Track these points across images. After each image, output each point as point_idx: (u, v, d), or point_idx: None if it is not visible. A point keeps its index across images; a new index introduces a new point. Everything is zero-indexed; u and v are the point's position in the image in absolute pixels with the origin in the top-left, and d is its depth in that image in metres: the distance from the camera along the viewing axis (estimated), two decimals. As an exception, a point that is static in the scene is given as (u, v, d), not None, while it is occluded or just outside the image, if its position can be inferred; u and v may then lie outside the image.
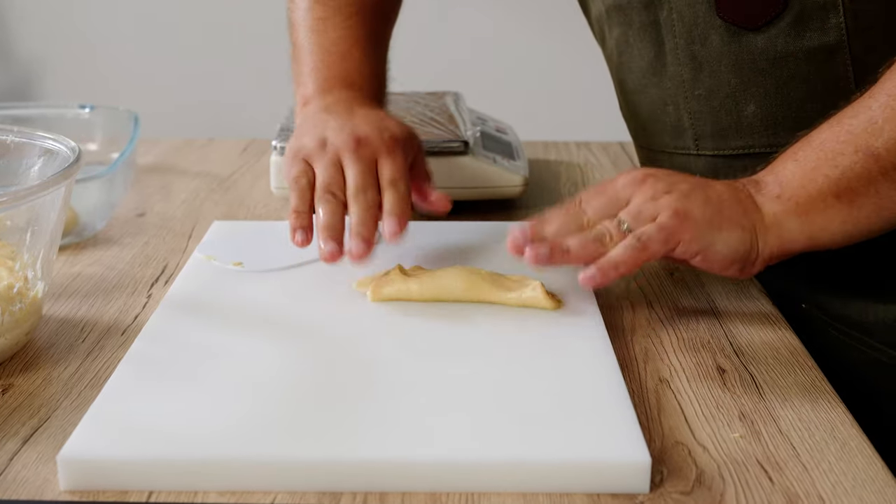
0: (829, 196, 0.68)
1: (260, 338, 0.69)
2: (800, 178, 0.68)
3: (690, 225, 0.68)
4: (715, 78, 0.78)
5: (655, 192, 0.70)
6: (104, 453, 0.56)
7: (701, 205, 0.69)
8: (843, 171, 0.67)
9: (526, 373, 0.64)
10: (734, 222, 0.69)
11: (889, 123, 0.66)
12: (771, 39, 0.74)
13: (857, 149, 0.67)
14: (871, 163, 0.66)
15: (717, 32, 0.76)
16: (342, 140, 0.79)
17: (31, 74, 2.52)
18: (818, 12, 0.71)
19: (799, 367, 0.69)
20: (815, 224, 0.69)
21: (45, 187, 0.66)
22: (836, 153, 0.67)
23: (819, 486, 0.56)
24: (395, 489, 0.55)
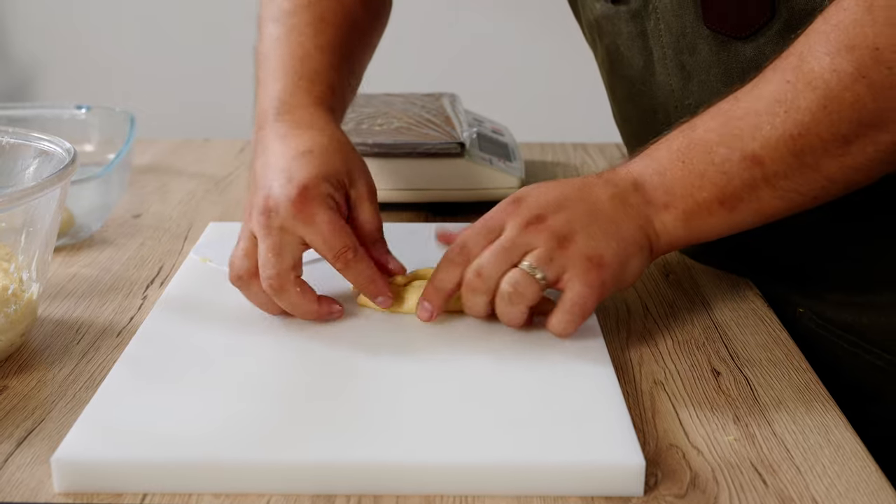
0: (714, 204, 0.67)
1: (254, 340, 0.69)
2: (688, 186, 0.67)
3: (606, 272, 0.67)
4: (704, 87, 0.77)
5: (557, 239, 0.66)
6: (98, 455, 0.56)
7: (606, 243, 0.67)
8: (729, 178, 0.66)
9: (520, 375, 0.64)
10: (635, 247, 0.68)
11: (774, 129, 0.64)
12: (759, 48, 0.73)
13: (744, 155, 0.65)
14: (757, 170, 0.65)
15: (706, 42, 0.75)
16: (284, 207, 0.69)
17: (27, 75, 2.52)
18: (806, 19, 0.70)
19: (794, 370, 0.69)
20: (699, 230, 0.68)
21: (40, 189, 0.66)
22: (724, 158, 0.66)
23: (813, 489, 0.56)
24: (389, 492, 0.55)
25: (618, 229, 0.67)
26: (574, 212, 0.68)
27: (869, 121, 0.63)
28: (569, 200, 0.68)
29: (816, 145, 0.64)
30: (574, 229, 0.67)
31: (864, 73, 0.61)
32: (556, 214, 0.67)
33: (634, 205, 0.68)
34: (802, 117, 0.63)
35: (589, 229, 0.67)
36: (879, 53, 0.61)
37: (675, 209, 0.68)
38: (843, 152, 0.64)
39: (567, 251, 0.66)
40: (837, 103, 0.62)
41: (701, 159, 0.67)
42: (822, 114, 0.63)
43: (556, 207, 0.68)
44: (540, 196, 0.69)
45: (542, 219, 0.67)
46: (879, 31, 0.61)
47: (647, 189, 0.69)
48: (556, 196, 0.69)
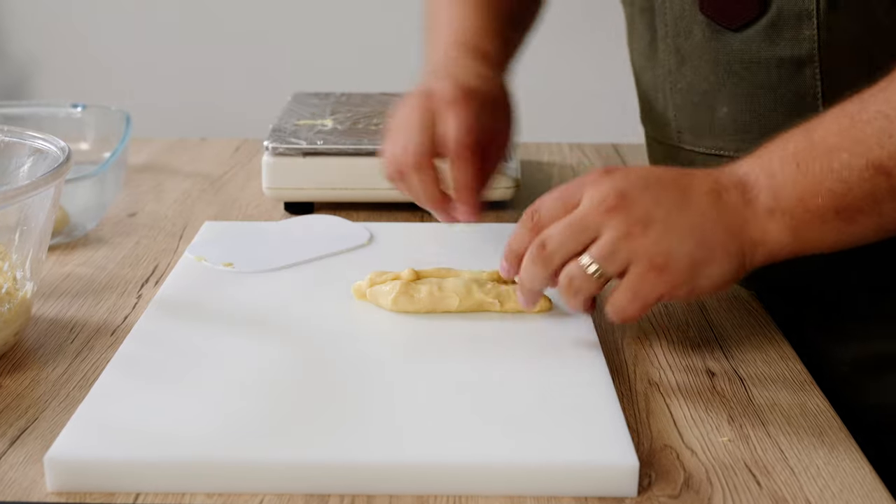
0: (828, 213, 0.61)
1: (249, 339, 0.69)
2: (800, 191, 0.61)
3: (667, 278, 0.61)
4: (695, 74, 0.77)
5: (630, 225, 0.61)
6: (92, 454, 0.55)
7: (681, 241, 0.61)
8: (850, 187, 0.60)
9: (515, 375, 0.64)
10: (720, 252, 0.62)
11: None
12: (746, 42, 0.73)
13: (869, 163, 0.59)
14: (882, 180, 0.59)
15: (700, 27, 0.75)
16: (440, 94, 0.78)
17: (24, 73, 2.51)
18: (793, 21, 0.69)
19: (788, 371, 0.69)
20: (807, 240, 0.62)
21: (34, 187, 0.66)
22: (845, 165, 0.60)
23: (807, 490, 0.56)
24: (382, 492, 0.55)
25: (702, 228, 0.62)
26: (661, 196, 0.62)
27: None
28: (661, 183, 0.63)
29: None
30: (653, 217, 0.61)
31: None
32: (641, 194, 0.62)
33: (732, 204, 0.62)
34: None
35: (669, 220, 0.61)
36: None
37: (782, 215, 0.62)
38: None
39: (635, 243, 0.61)
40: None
41: (819, 164, 0.61)
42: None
43: (644, 186, 0.63)
44: (632, 172, 0.64)
45: (623, 197, 0.62)
46: None
47: (752, 190, 0.62)
48: (649, 175, 0.64)
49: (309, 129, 1.03)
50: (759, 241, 0.62)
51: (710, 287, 0.63)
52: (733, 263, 0.62)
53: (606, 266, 0.62)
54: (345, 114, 1.08)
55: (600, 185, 0.63)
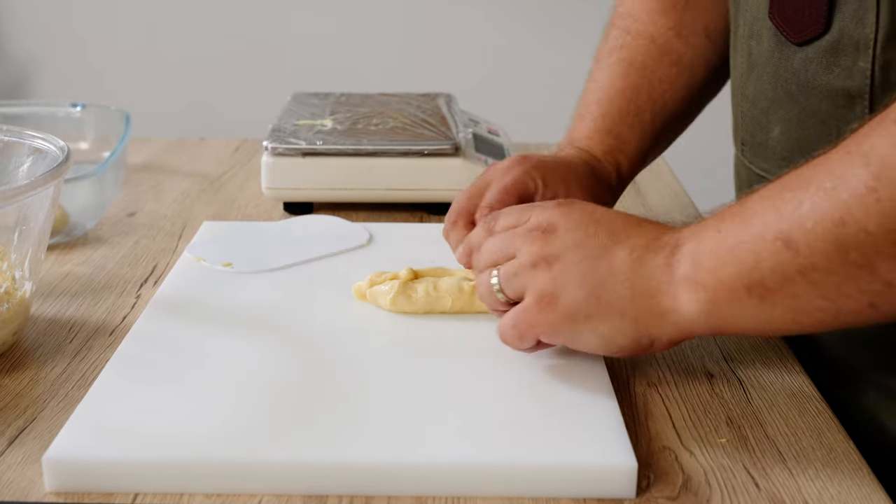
0: (738, 287, 0.55)
1: (248, 339, 0.69)
2: (714, 260, 0.56)
3: (550, 317, 0.60)
4: (759, 84, 0.74)
5: (540, 256, 0.61)
6: (90, 454, 0.55)
7: (576, 287, 0.60)
8: (758, 260, 0.54)
9: (513, 376, 0.64)
10: (612, 310, 0.59)
11: (814, 209, 0.52)
12: (805, 62, 0.69)
13: (778, 234, 0.53)
14: (788, 256, 0.53)
15: (768, 34, 0.72)
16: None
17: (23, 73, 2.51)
18: (850, 49, 0.65)
19: (786, 373, 0.69)
20: (722, 316, 0.57)
21: (33, 187, 0.66)
22: (757, 235, 0.54)
23: (805, 491, 0.56)
24: (381, 492, 0.55)
25: (604, 283, 0.60)
26: (585, 240, 0.61)
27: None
28: (597, 226, 0.62)
29: (864, 241, 0.51)
30: (563, 257, 0.61)
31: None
32: (567, 233, 0.62)
33: (653, 268, 0.59)
34: (848, 200, 0.51)
35: (577, 265, 0.60)
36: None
37: (696, 285, 0.57)
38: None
39: (536, 274, 0.61)
40: (890, 189, 0.50)
41: (733, 231, 0.56)
42: (871, 199, 0.50)
43: (576, 226, 0.62)
44: (580, 208, 0.64)
45: (551, 230, 0.62)
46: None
47: (678, 254, 0.59)
48: (592, 217, 0.63)
49: (308, 129, 1.03)
50: (669, 309, 0.58)
51: (597, 344, 0.60)
52: (627, 328, 0.59)
53: (505, 286, 0.63)
54: (344, 114, 1.08)
55: (547, 211, 0.64)
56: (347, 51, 2.45)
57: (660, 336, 0.60)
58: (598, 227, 0.62)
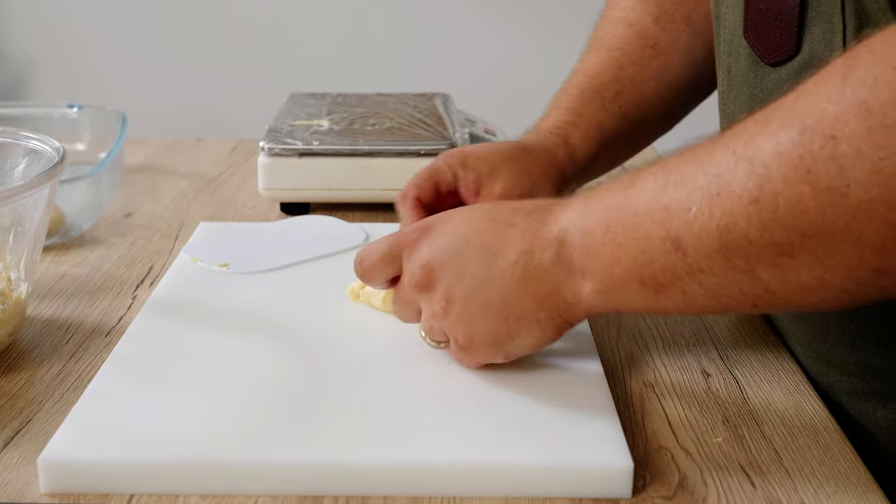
0: (633, 282, 0.56)
1: (244, 340, 0.69)
2: (606, 256, 0.57)
3: (476, 354, 0.63)
4: (737, 101, 0.72)
5: (435, 305, 0.62)
6: (85, 456, 0.55)
7: (482, 321, 0.61)
8: (648, 259, 0.55)
9: (509, 376, 0.64)
10: (526, 322, 0.60)
11: (701, 213, 0.52)
12: (779, 83, 0.67)
13: (668, 235, 0.53)
14: (678, 258, 0.54)
15: (744, 53, 0.70)
16: None
17: (20, 74, 2.51)
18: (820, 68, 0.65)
19: (783, 372, 0.69)
20: (620, 305, 0.58)
21: (28, 188, 0.66)
22: (647, 234, 0.55)
23: (801, 491, 0.56)
24: (376, 493, 0.55)
25: (504, 304, 0.60)
26: (464, 269, 0.61)
27: (812, 233, 0.49)
28: (469, 249, 0.61)
29: (745, 248, 0.51)
30: (454, 296, 0.61)
31: (809, 167, 0.48)
32: (443, 269, 0.62)
33: (544, 267, 0.59)
34: (732, 208, 0.51)
35: (469, 300, 0.61)
36: (834, 145, 0.47)
37: (591, 278, 0.58)
38: (779, 263, 0.50)
39: (443, 322, 0.63)
40: (772, 200, 0.49)
41: (624, 228, 0.56)
42: (753, 209, 0.50)
43: (450, 258, 0.62)
44: (442, 233, 0.63)
45: (429, 273, 0.62)
46: (842, 114, 0.47)
47: (567, 248, 0.59)
48: (458, 238, 0.62)
49: (305, 129, 1.03)
50: (574, 301, 0.59)
51: (527, 350, 0.63)
52: (546, 329, 0.61)
53: (433, 339, 0.65)
54: (341, 114, 1.08)
55: (413, 253, 0.64)
56: (344, 51, 2.45)
57: (577, 318, 0.61)
58: (469, 249, 0.61)
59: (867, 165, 0.46)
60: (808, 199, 0.48)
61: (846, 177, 0.47)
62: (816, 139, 0.48)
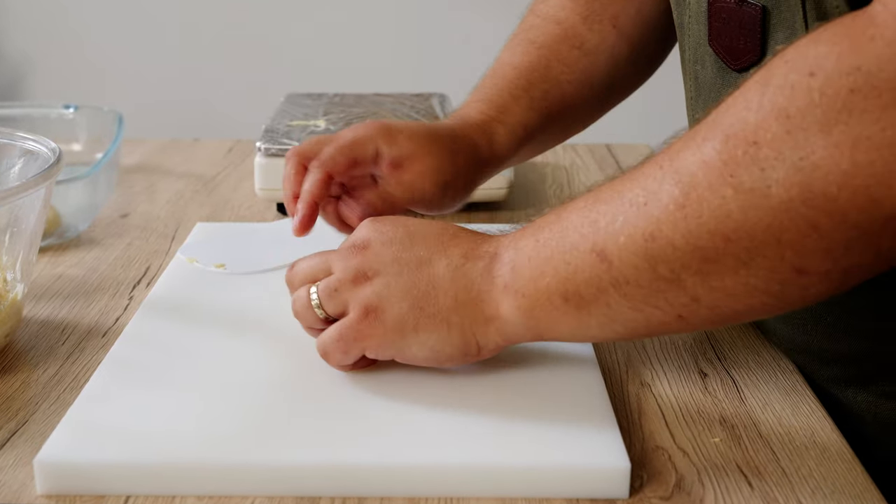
0: (555, 296, 0.57)
1: (240, 341, 0.69)
2: (531, 269, 0.58)
3: (376, 331, 0.60)
4: (706, 108, 0.70)
5: (359, 272, 0.61)
6: (81, 457, 0.55)
7: (399, 299, 0.60)
8: (573, 271, 0.56)
9: (506, 376, 0.64)
10: (437, 320, 0.60)
11: (627, 223, 0.54)
12: None
13: (594, 247, 0.55)
14: (602, 269, 0.54)
15: (711, 60, 0.71)
16: None
17: (16, 74, 2.51)
18: None
19: (780, 372, 0.69)
20: (540, 323, 0.58)
21: (24, 189, 0.66)
22: (573, 246, 0.56)
23: (798, 491, 0.56)
24: (373, 493, 0.55)
25: (426, 294, 0.60)
26: (402, 254, 0.62)
27: (735, 237, 0.50)
28: (411, 240, 0.62)
29: (671, 255, 0.52)
30: (382, 271, 0.61)
31: (732, 172, 0.50)
32: (382, 248, 0.62)
33: (473, 276, 0.60)
34: (658, 216, 0.52)
35: (397, 278, 0.61)
36: (756, 150, 0.49)
37: (513, 293, 0.58)
38: (704, 269, 0.52)
39: (356, 289, 0.61)
40: (697, 206, 0.51)
41: (552, 241, 0.57)
42: (679, 215, 0.52)
43: (391, 241, 0.62)
44: (393, 223, 0.64)
45: (365, 246, 0.63)
46: (762, 121, 0.49)
47: (497, 263, 0.60)
48: (405, 230, 0.63)
49: (301, 129, 1.02)
50: (491, 316, 0.59)
51: (425, 356, 0.61)
52: (454, 337, 0.60)
53: (325, 302, 0.62)
54: (338, 114, 1.08)
55: (360, 230, 0.64)
56: (341, 51, 2.45)
57: (486, 343, 0.61)
58: (414, 241, 0.62)
59: (787, 166, 0.49)
60: (730, 202, 0.50)
61: (767, 178, 0.49)
62: (739, 146, 0.50)
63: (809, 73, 0.48)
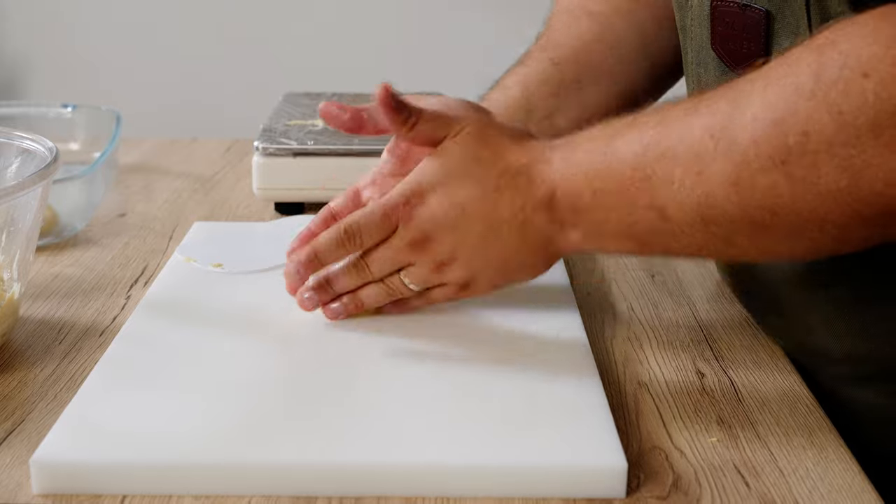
0: (621, 237, 0.63)
1: (237, 340, 0.69)
2: (595, 217, 0.63)
3: (478, 291, 0.69)
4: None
5: (436, 263, 0.67)
6: (78, 457, 0.55)
7: (483, 270, 0.67)
8: (635, 221, 0.61)
9: (503, 376, 0.64)
10: (526, 270, 0.68)
11: (683, 189, 0.58)
12: None
13: (652, 204, 0.59)
14: (663, 225, 0.60)
15: (713, 63, 0.71)
16: None
17: (14, 73, 2.51)
18: None
19: (778, 372, 0.69)
20: (606, 248, 0.66)
21: (21, 188, 0.66)
22: (632, 201, 0.60)
23: (795, 491, 0.56)
24: (370, 493, 0.55)
25: (505, 258, 0.67)
26: (465, 236, 0.66)
27: (785, 214, 0.55)
28: (466, 219, 0.66)
29: (724, 221, 0.57)
30: (455, 256, 0.67)
31: (784, 158, 0.53)
32: (445, 236, 0.66)
33: (538, 228, 0.65)
34: (713, 188, 0.57)
35: (473, 256, 0.67)
36: (807, 140, 0.52)
37: (582, 230, 0.64)
38: (755, 234, 0.57)
39: (443, 273, 0.67)
40: (750, 185, 0.55)
41: (609, 194, 0.62)
42: (733, 190, 0.56)
43: (449, 227, 0.66)
44: (438, 205, 0.66)
45: (428, 240, 0.66)
46: (814, 112, 0.52)
47: (558, 211, 0.64)
48: (455, 209, 0.66)
49: (299, 129, 1.02)
50: (564, 246, 0.66)
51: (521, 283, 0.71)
52: (539, 269, 0.68)
53: (422, 285, 0.69)
54: (336, 114, 1.08)
55: (410, 221, 0.67)
56: (339, 51, 2.45)
57: (566, 255, 0.70)
58: (467, 219, 0.66)
59: (837, 161, 0.52)
60: (781, 186, 0.54)
61: (818, 170, 0.53)
62: (790, 134, 0.53)
63: (864, 73, 0.51)
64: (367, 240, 0.68)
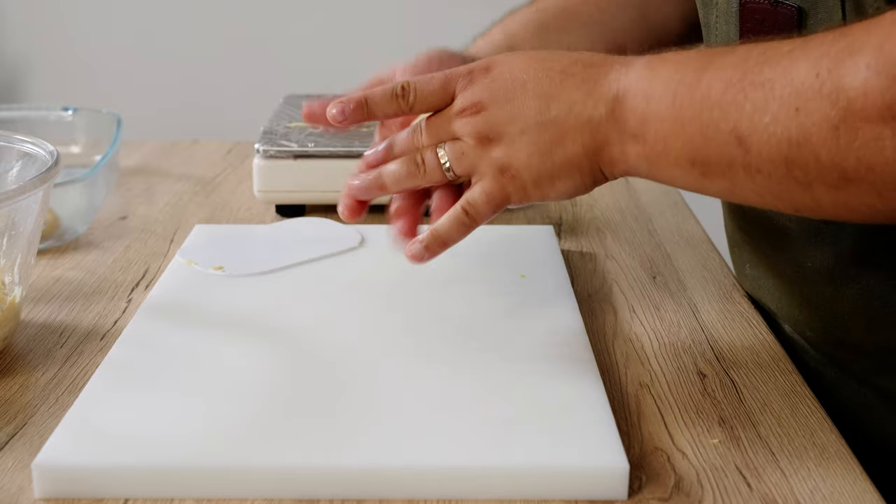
0: (684, 159, 0.58)
1: (239, 343, 0.69)
2: (665, 128, 0.59)
3: (518, 185, 0.63)
4: None
5: (482, 135, 0.63)
6: (80, 460, 0.55)
7: (528, 157, 0.62)
8: (708, 143, 0.57)
9: (503, 378, 0.64)
10: (573, 169, 0.62)
11: (774, 122, 0.54)
12: None
13: (735, 130, 0.55)
14: (738, 153, 0.56)
15: None
16: None
17: (14, 75, 2.51)
18: None
19: (779, 372, 0.69)
20: (661, 173, 0.61)
21: (22, 192, 0.66)
22: (712, 121, 0.56)
23: (797, 492, 0.56)
24: (372, 496, 0.55)
25: (557, 147, 0.62)
26: (519, 110, 0.62)
27: (881, 170, 0.52)
28: (524, 93, 0.63)
29: (811, 166, 0.53)
30: (504, 132, 0.63)
31: (892, 107, 0.50)
32: (498, 108, 0.63)
33: (598, 121, 0.61)
34: (809, 128, 0.53)
35: (522, 137, 0.62)
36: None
37: (643, 144, 0.60)
38: (840, 185, 0.53)
39: (484, 151, 0.63)
40: (852, 133, 0.52)
41: (691, 106, 0.58)
42: (831, 136, 0.52)
43: (505, 98, 0.63)
44: (499, 75, 0.64)
45: (480, 108, 0.63)
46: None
47: (624, 109, 0.60)
48: (516, 83, 0.63)
49: (300, 131, 1.02)
50: (617, 160, 0.62)
51: (560, 196, 0.64)
52: (585, 177, 0.63)
53: (455, 164, 0.64)
54: (336, 116, 1.08)
55: (468, 88, 0.64)
56: (340, 52, 2.45)
57: (612, 175, 0.63)
58: (525, 93, 0.63)
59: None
60: (886, 139, 0.50)
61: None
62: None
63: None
64: (420, 100, 0.65)
